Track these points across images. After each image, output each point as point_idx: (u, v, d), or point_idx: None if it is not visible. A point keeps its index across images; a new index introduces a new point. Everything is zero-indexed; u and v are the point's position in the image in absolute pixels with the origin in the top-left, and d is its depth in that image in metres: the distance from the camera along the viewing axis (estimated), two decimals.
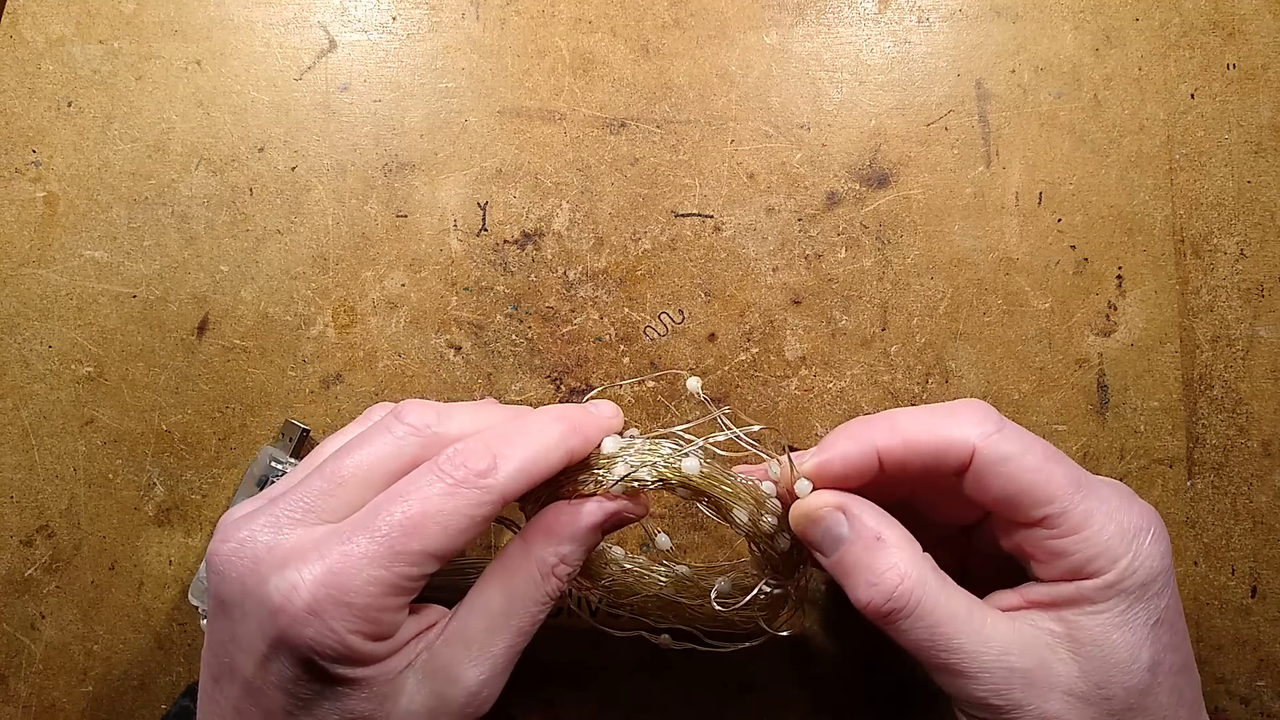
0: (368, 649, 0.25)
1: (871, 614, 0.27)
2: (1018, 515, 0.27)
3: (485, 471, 0.27)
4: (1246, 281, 0.39)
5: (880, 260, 0.40)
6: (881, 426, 0.28)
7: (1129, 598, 0.26)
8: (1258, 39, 0.40)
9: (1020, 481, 0.27)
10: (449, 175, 0.40)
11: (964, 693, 0.26)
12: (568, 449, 0.29)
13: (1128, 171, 0.40)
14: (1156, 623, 0.26)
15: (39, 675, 0.38)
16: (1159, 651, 0.26)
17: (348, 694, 0.26)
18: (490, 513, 0.27)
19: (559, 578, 0.28)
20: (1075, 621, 0.26)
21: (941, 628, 0.26)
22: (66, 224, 0.40)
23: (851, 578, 0.27)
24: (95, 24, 0.41)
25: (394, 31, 0.41)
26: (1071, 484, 0.27)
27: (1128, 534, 0.26)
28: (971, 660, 0.26)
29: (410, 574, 0.25)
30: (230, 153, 0.40)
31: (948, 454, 0.27)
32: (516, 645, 0.28)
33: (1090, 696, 0.26)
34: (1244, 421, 0.39)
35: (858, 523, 0.28)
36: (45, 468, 0.39)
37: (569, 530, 0.29)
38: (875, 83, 0.41)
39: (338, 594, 0.24)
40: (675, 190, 0.40)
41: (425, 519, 0.26)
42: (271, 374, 0.39)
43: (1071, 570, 0.27)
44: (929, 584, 0.27)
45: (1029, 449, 0.27)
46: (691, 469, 0.30)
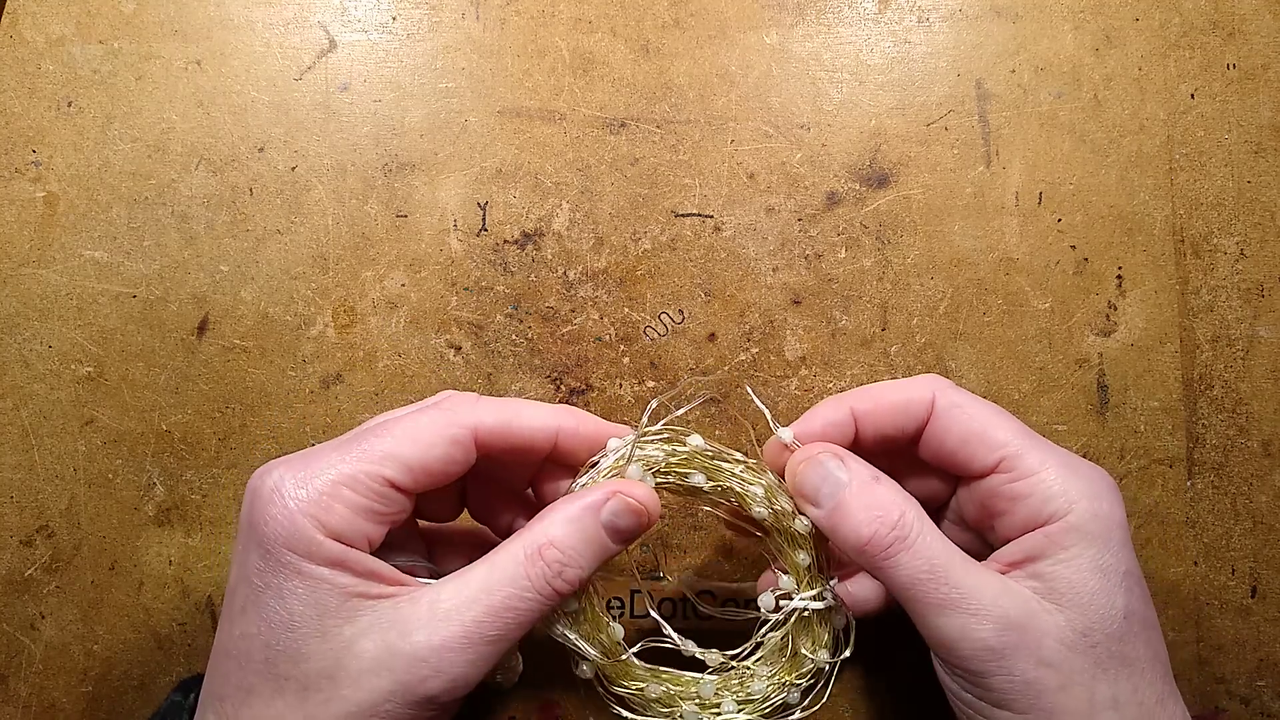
0: (318, 539, 0.25)
1: (874, 547, 0.27)
2: (975, 461, 0.29)
3: (464, 405, 0.28)
4: (1246, 281, 0.39)
5: (880, 260, 0.40)
6: (854, 393, 0.31)
7: (1095, 543, 0.27)
8: (1258, 39, 0.40)
9: (974, 426, 0.29)
10: (449, 175, 0.40)
11: (963, 632, 0.26)
12: (556, 422, 0.29)
13: (1128, 171, 0.40)
14: (1126, 572, 0.27)
15: (39, 675, 0.38)
16: (1132, 601, 0.27)
17: (292, 590, 0.25)
18: (459, 436, 0.28)
19: (547, 561, 0.27)
20: (1050, 573, 0.27)
21: (940, 561, 0.27)
22: (66, 224, 0.40)
23: (852, 516, 0.28)
24: (95, 24, 0.41)
25: (394, 31, 0.41)
26: (1024, 434, 0.29)
27: (1082, 481, 0.28)
28: (972, 597, 0.26)
29: (371, 471, 0.26)
30: (230, 153, 0.40)
31: (911, 406, 0.30)
32: (484, 625, 0.26)
33: (1077, 645, 0.26)
34: (1244, 421, 0.39)
35: (855, 466, 0.29)
36: (45, 468, 0.39)
37: (562, 509, 0.28)
38: (875, 83, 0.41)
39: (301, 479, 0.26)
40: (675, 190, 0.40)
41: (394, 425, 0.27)
42: (271, 374, 0.39)
43: (1032, 516, 0.28)
44: (926, 522, 0.28)
45: (979, 402, 0.30)
46: (697, 443, 0.30)
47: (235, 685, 0.26)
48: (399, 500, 0.27)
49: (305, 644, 0.25)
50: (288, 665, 0.25)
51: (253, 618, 0.26)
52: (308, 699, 0.25)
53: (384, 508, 0.27)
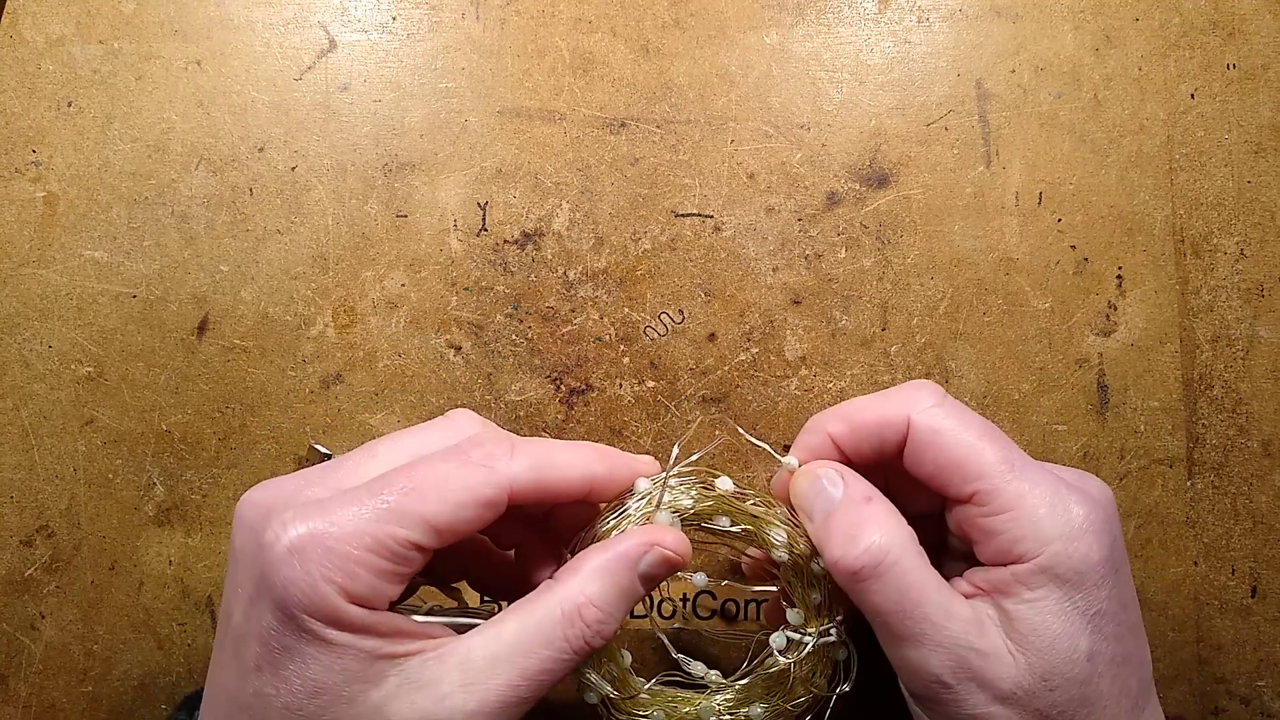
0: (342, 607, 0.24)
1: (843, 570, 0.27)
2: (950, 489, 0.28)
3: (498, 456, 0.26)
4: (1246, 281, 0.39)
5: (880, 260, 0.40)
6: (831, 413, 0.30)
7: (1063, 585, 0.26)
8: (1258, 39, 0.40)
9: (951, 454, 0.28)
10: (449, 175, 0.40)
11: (921, 665, 0.26)
12: (590, 470, 0.28)
13: (1128, 171, 0.40)
14: (1097, 613, 0.26)
15: (39, 675, 0.38)
16: (1097, 642, 0.26)
17: (315, 656, 0.24)
18: (493, 496, 0.26)
19: (586, 621, 0.26)
20: (1014, 612, 0.26)
21: (910, 594, 0.26)
22: (66, 224, 0.40)
23: (833, 536, 0.28)
24: (95, 24, 0.41)
25: (394, 31, 0.41)
26: (1003, 463, 0.27)
27: (1060, 519, 0.26)
28: (935, 632, 0.26)
29: (398, 535, 0.24)
30: (230, 153, 0.40)
31: (886, 429, 0.29)
32: (520, 689, 0.25)
33: (1035, 689, 0.26)
34: (1244, 421, 0.39)
35: (851, 484, 0.29)
36: (45, 468, 0.39)
37: (598, 562, 0.27)
38: (875, 83, 0.41)
39: (321, 539, 0.24)
40: (675, 190, 0.40)
41: (425, 481, 0.25)
42: (271, 374, 0.39)
43: (1002, 552, 0.27)
44: (907, 550, 0.27)
45: (965, 425, 0.28)
46: (726, 486, 0.30)
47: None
48: (420, 560, 0.26)
49: (331, 710, 0.24)
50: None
51: (269, 679, 0.24)
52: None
53: (406, 569, 0.25)
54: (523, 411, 0.39)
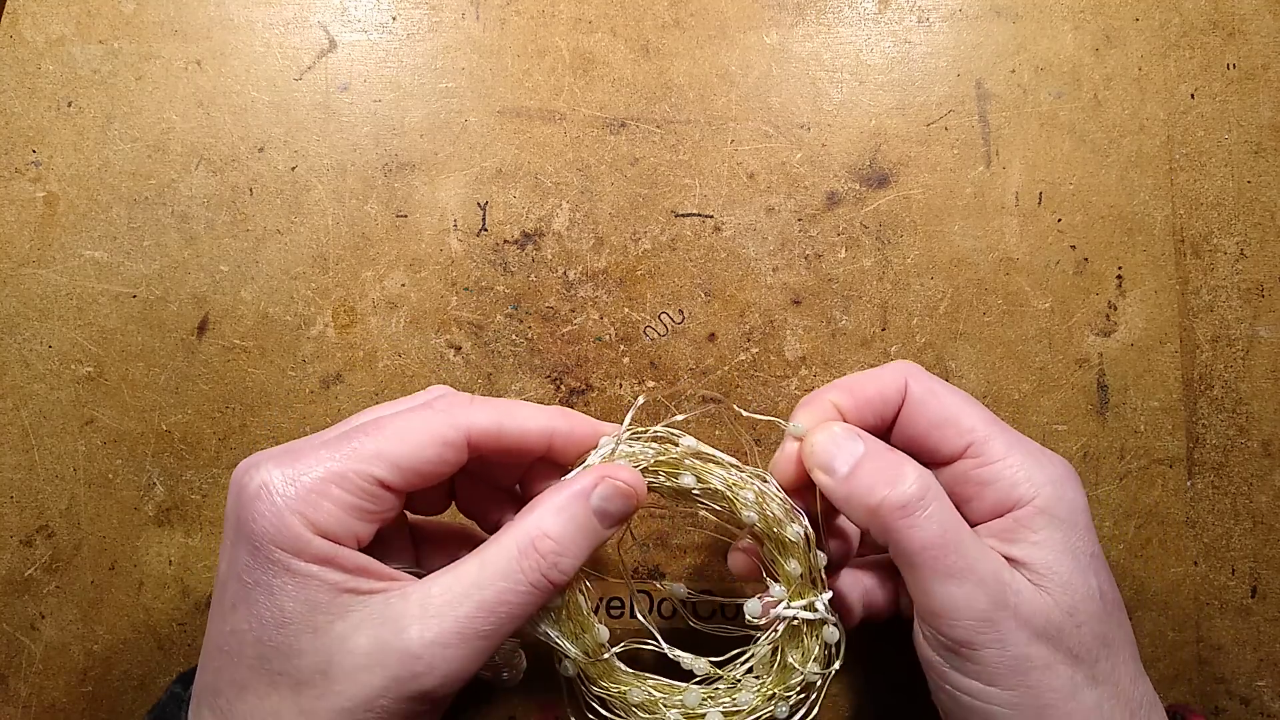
0: (307, 537, 0.25)
1: (889, 508, 0.27)
2: (946, 444, 0.30)
3: (459, 404, 0.28)
4: (1246, 281, 0.39)
5: (880, 260, 0.40)
6: (831, 386, 0.32)
7: (1063, 525, 0.28)
8: (1258, 39, 0.40)
9: (944, 412, 0.30)
10: (449, 175, 0.40)
11: (966, 602, 0.26)
12: (550, 424, 0.29)
13: (1128, 171, 0.40)
14: (1093, 555, 0.28)
15: (39, 675, 0.38)
16: (1102, 582, 0.28)
17: (281, 588, 0.25)
18: (452, 437, 0.27)
19: (541, 553, 0.27)
20: (1024, 556, 0.28)
21: (952, 528, 0.27)
22: (66, 224, 0.40)
23: (868, 478, 0.28)
24: (95, 24, 0.41)
25: (394, 31, 0.41)
26: (992, 422, 0.30)
27: (1045, 468, 0.29)
28: (977, 564, 0.27)
29: (360, 470, 0.26)
30: (230, 153, 0.40)
31: (886, 394, 0.31)
32: (477, 620, 0.26)
33: (1064, 625, 0.27)
34: (1244, 421, 0.39)
35: (870, 439, 0.29)
36: (45, 468, 0.39)
37: (552, 498, 0.28)
38: (875, 83, 0.41)
39: (290, 477, 0.26)
40: (675, 190, 0.40)
41: (389, 426, 0.27)
42: (271, 374, 0.39)
43: (1000, 501, 0.28)
44: (941, 491, 0.28)
45: (951, 390, 0.31)
46: (689, 444, 0.30)
47: (229, 680, 0.26)
48: (388, 499, 0.27)
49: (297, 640, 0.25)
50: (280, 662, 0.25)
51: (243, 614, 0.26)
52: (302, 694, 0.25)
53: (373, 506, 0.27)
54: None
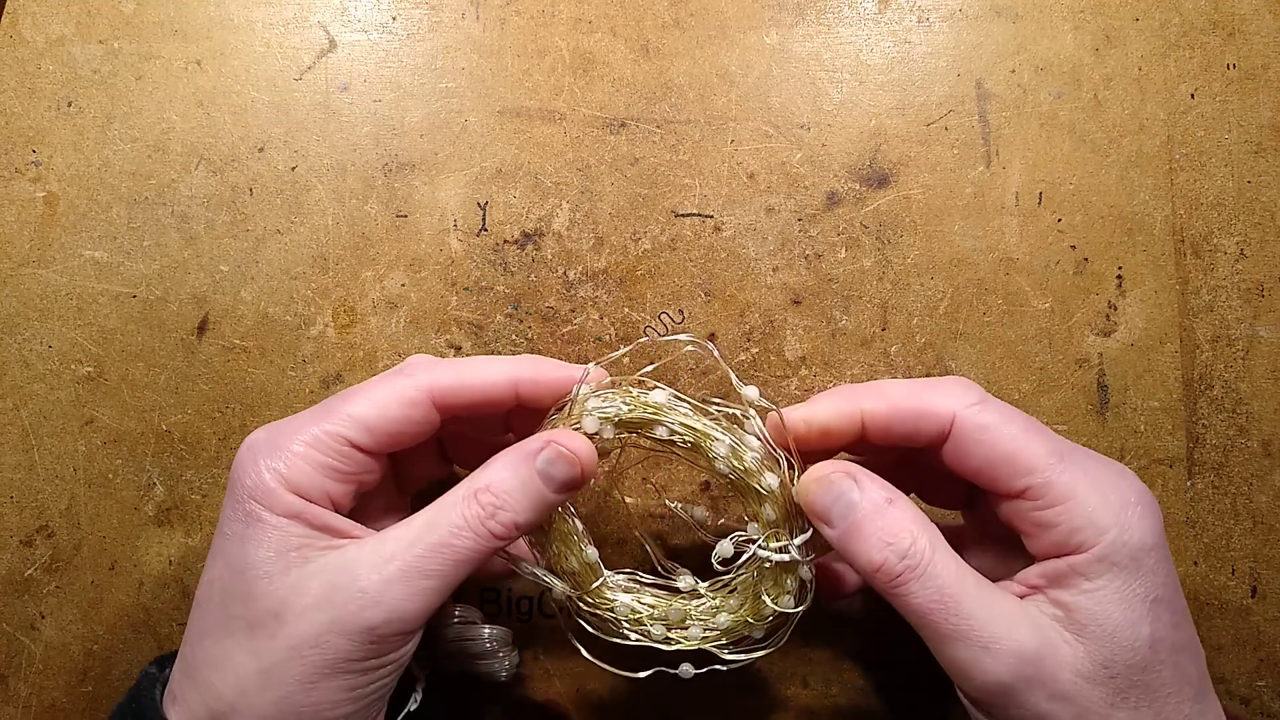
0: (279, 492, 0.27)
1: (884, 576, 0.27)
2: (999, 486, 0.28)
3: (422, 366, 0.30)
4: (1246, 281, 0.39)
5: (880, 260, 0.40)
6: (869, 390, 0.30)
7: (1122, 573, 0.26)
8: (1258, 39, 0.40)
9: (999, 451, 0.27)
10: (449, 175, 0.40)
11: (976, 666, 0.26)
12: (513, 373, 0.30)
13: (1128, 171, 0.40)
14: (1155, 600, 0.26)
15: (39, 675, 0.38)
16: (1159, 629, 0.26)
17: (250, 537, 0.27)
18: (415, 396, 0.29)
19: (480, 503, 0.28)
20: (1073, 603, 0.26)
21: (952, 591, 0.26)
22: (66, 224, 0.40)
23: (863, 541, 0.27)
24: (95, 24, 0.41)
25: (394, 31, 0.41)
26: (1052, 455, 0.27)
27: (1113, 506, 0.26)
28: (983, 628, 0.26)
29: (330, 430, 0.28)
30: (230, 153, 0.40)
31: (927, 420, 0.28)
32: (424, 561, 0.27)
33: (1096, 676, 0.25)
34: (1244, 421, 0.39)
35: (868, 487, 0.28)
36: (45, 468, 0.39)
37: (503, 457, 0.29)
38: (875, 83, 0.41)
39: (272, 438, 0.28)
40: (675, 190, 0.40)
41: (358, 390, 0.29)
42: (271, 374, 0.39)
43: (1059, 544, 0.27)
44: (939, 549, 0.27)
45: (1009, 420, 0.28)
46: (660, 396, 0.30)
47: (195, 629, 0.28)
48: (362, 460, 0.29)
49: (254, 585, 0.26)
50: (238, 606, 0.27)
51: (218, 564, 0.28)
52: (255, 636, 0.26)
53: (345, 466, 0.28)
54: None
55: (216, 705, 0.26)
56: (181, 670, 0.28)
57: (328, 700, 0.26)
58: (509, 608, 0.38)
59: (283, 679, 0.26)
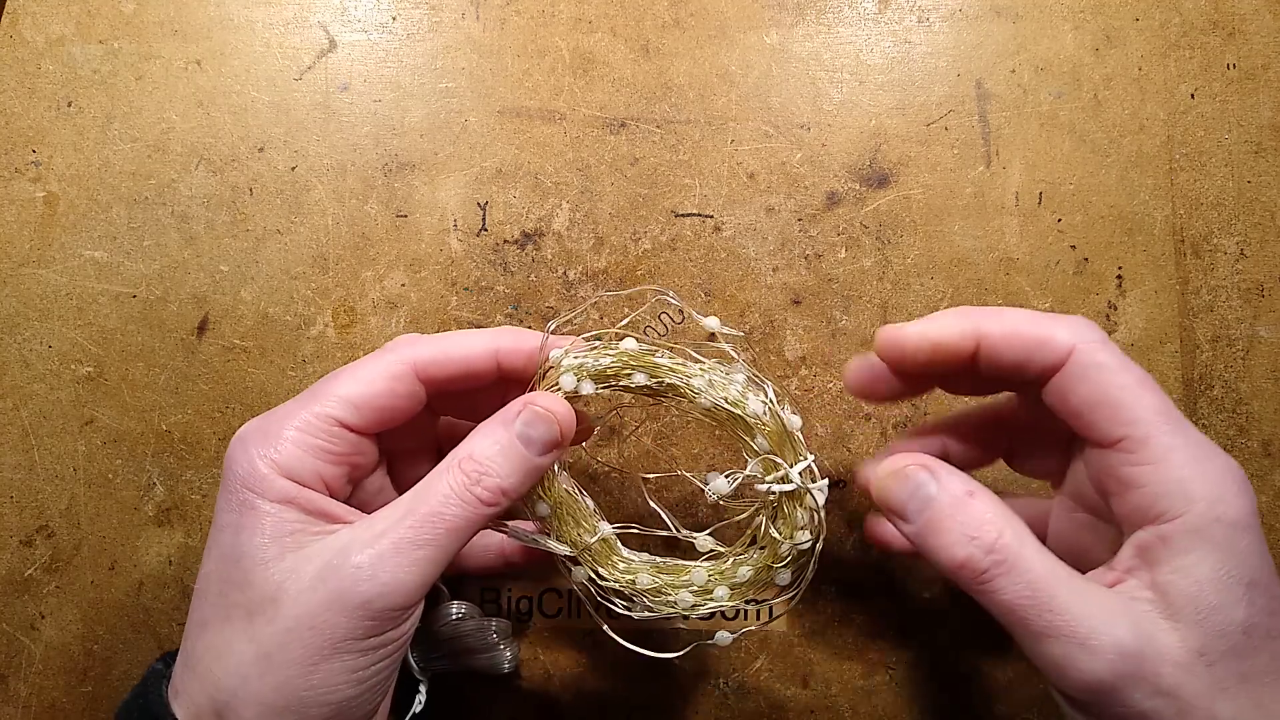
0: (271, 478, 0.27)
1: (969, 572, 0.25)
2: (1097, 431, 0.26)
3: (404, 343, 0.30)
4: (1246, 281, 0.39)
5: (880, 260, 0.40)
6: (988, 312, 0.28)
7: (1216, 550, 0.24)
8: (1258, 39, 0.40)
9: (1108, 393, 0.26)
10: (449, 175, 0.40)
11: (1072, 664, 0.24)
12: (493, 343, 0.30)
13: (1128, 171, 0.40)
14: (1250, 583, 0.24)
15: (39, 675, 0.38)
16: (1254, 614, 0.24)
17: (244, 526, 0.27)
18: (398, 370, 0.29)
19: (464, 471, 0.28)
20: (1167, 584, 0.25)
21: (1043, 585, 0.25)
22: (66, 224, 0.40)
23: (944, 535, 0.26)
24: (95, 24, 0.41)
25: (394, 31, 0.41)
26: (1160, 413, 0.26)
27: (1209, 479, 0.25)
28: (1080, 622, 0.24)
29: (318, 411, 0.28)
30: (230, 153, 0.40)
31: (1046, 348, 0.27)
32: (416, 531, 0.27)
33: (1194, 667, 0.24)
34: (1244, 421, 0.39)
35: (946, 479, 0.27)
36: (45, 468, 0.39)
37: (483, 426, 0.29)
38: (875, 83, 0.41)
39: (263, 425, 0.28)
40: (675, 190, 0.40)
41: (342, 371, 0.29)
42: (271, 374, 0.39)
43: (1144, 508, 0.25)
44: (1026, 540, 0.26)
45: (1126, 367, 0.26)
46: (630, 345, 0.30)
47: (195, 622, 0.28)
48: (352, 440, 0.29)
49: (251, 572, 0.27)
50: (236, 594, 0.27)
51: (213, 555, 0.28)
52: (253, 623, 0.26)
53: (337, 447, 0.29)
54: None
55: (218, 695, 0.26)
56: (183, 663, 0.28)
57: (328, 683, 0.26)
58: (509, 607, 0.38)
59: (283, 662, 0.26)
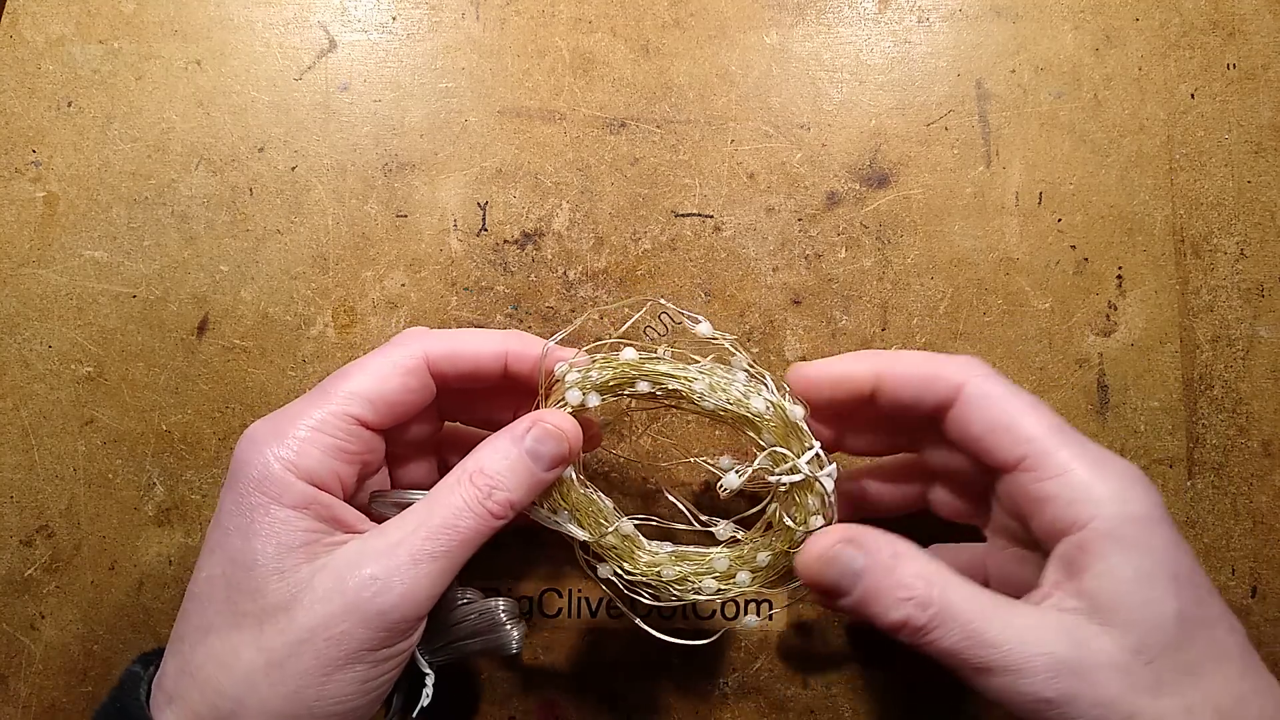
0: (288, 480, 0.27)
1: (909, 630, 0.27)
2: (999, 453, 0.28)
3: (414, 336, 0.30)
4: (1246, 281, 0.39)
5: (880, 260, 0.40)
6: (885, 353, 0.31)
7: (1133, 549, 0.26)
8: (1258, 39, 0.40)
9: (1000, 418, 0.28)
10: (449, 175, 0.40)
11: (1014, 691, 0.25)
12: (504, 346, 0.31)
13: (1128, 171, 0.40)
14: (1174, 575, 0.26)
15: (39, 675, 0.38)
16: (1184, 604, 0.25)
17: (256, 531, 0.27)
18: (411, 364, 0.30)
19: (475, 484, 0.28)
20: (1093, 589, 0.26)
21: (974, 625, 0.26)
22: (66, 224, 0.40)
23: (879, 602, 0.27)
24: (95, 24, 0.41)
25: (394, 31, 0.41)
26: (1054, 430, 0.28)
27: (1110, 482, 0.26)
28: (1012, 653, 0.25)
29: (334, 409, 0.28)
30: (230, 153, 0.40)
31: (937, 384, 0.29)
32: (429, 543, 0.27)
33: (1133, 668, 0.25)
34: (1244, 421, 0.39)
35: (871, 547, 0.28)
36: (45, 468, 0.39)
37: (493, 441, 0.29)
38: (875, 83, 0.41)
39: (276, 427, 0.28)
40: (675, 190, 0.40)
41: (353, 367, 0.30)
42: (271, 374, 0.39)
43: (1058, 519, 0.27)
44: (952, 584, 0.27)
45: (1015, 394, 0.29)
46: (630, 355, 0.31)
47: (195, 625, 0.27)
48: (367, 438, 0.29)
49: (265, 581, 0.26)
50: (246, 602, 0.26)
51: (219, 559, 0.27)
52: (264, 632, 0.26)
53: (354, 446, 0.29)
54: None
55: (221, 703, 0.26)
56: (179, 668, 0.27)
57: (339, 693, 0.26)
58: None
59: (295, 672, 0.26)
